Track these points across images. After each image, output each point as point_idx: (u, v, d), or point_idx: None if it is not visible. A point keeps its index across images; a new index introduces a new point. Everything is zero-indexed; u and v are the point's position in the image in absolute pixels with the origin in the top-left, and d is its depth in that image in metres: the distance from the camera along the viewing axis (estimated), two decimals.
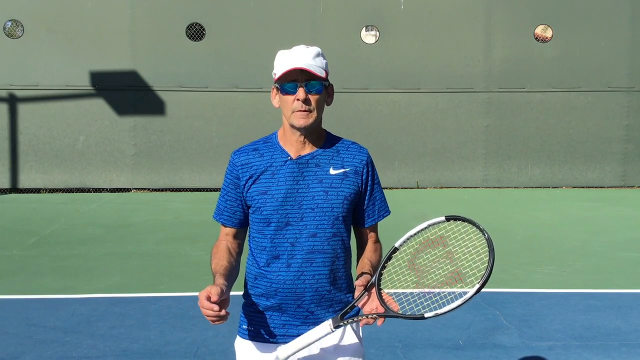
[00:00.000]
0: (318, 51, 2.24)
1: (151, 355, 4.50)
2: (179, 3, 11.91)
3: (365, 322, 2.14)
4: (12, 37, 11.88)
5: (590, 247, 7.80)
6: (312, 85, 2.20)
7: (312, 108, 2.21)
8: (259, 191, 2.27)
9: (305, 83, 2.19)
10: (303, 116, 2.21)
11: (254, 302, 2.33)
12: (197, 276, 6.48)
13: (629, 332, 4.98)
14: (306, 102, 2.20)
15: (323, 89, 2.24)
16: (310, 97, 2.20)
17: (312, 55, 2.22)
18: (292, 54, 2.22)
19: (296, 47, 2.24)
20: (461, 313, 5.29)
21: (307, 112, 2.21)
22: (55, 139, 11.85)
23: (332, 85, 2.31)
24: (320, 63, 2.23)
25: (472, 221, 2.18)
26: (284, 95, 2.22)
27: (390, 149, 12.13)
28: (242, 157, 2.31)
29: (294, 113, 2.21)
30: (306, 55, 2.20)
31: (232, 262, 2.29)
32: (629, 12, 12.24)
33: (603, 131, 12.37)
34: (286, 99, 2.22)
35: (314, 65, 2.19)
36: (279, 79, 2.22)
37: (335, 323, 2.13)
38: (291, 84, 2.20)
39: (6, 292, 5.98)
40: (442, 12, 12.15)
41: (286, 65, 2.18)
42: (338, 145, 2.33)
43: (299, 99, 2.19)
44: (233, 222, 2.36)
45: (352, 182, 2.30)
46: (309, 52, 2.22)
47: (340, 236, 2.29)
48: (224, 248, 2.33)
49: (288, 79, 2.20)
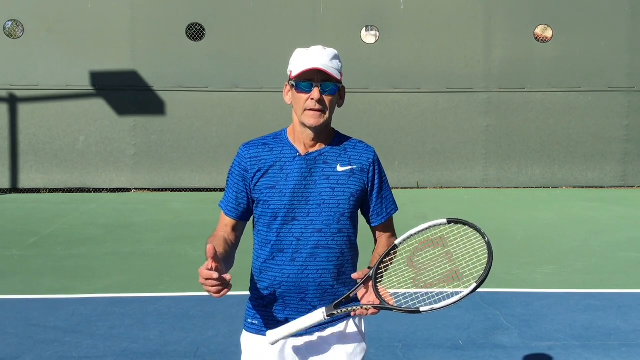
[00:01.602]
0: (335, 53, 2.29)
1: (151, 355, 4.50)
2: (179, 3, 11.91)
3: (360, 313, 2.17)
4: (12, 37, 11.88)
5: (590, 247, 7.80)
6: (327, 85, 2.25)
7: (324, 108, 2.26)
8: (267, 185, 2.30)
9: (320, 83, 2.24)
10: (315, 116, 2.25)
11: (259, 296, 2.37)
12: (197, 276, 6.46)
13: (629, 332, 4.98)
14: (320, 102, 2.24)
15: (337, 90, 2.29)
16: (324, 98, 2.25)
17: (329, 56, 2.26)
18: (310, 54, 2.25)
19: (314, 47, 2.28)
20: (461, 313, 5.30)
21: (320, 112, 2.26)
22: (55, 139, 11.85)
23: (344, 88, 2.36)
24: (337, 65, 2.28)
25: (473, 225, 2.22)
26: (298, 93, 2.27)
27: (390, 149, 12.13)
28: (251, 150, 2.34)
29: (306, 112, 2.25)
30: (324, 57, 2.25)
31: (228, 251, 2.30)
32: (628, 12, 12.24)
33: (603, 131, 12.38)
34: (300, 97, 2.26)
35: (331, 67, 2.24)
36: (295, 77, 2.25)
37: (329, 312, 2.17)
38: (307, 83, 2.24)
39: (6, 292, 5.98)
40: (442, 12, 12.16)
41: (304, 65, 2.22)
42: (345, 144, 2.38)
43: (313, 98, 2.23)
44: (236, 214, 2.38)
45: (358, 179, 2.34)
46: (326, 53, 2.26)
47: (346, 232, 2.33)
48: (221, 237, 2.34)
49: (304, 77, 2.24)
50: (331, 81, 2.25)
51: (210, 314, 5.33)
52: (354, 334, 2.38)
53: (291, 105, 2.33)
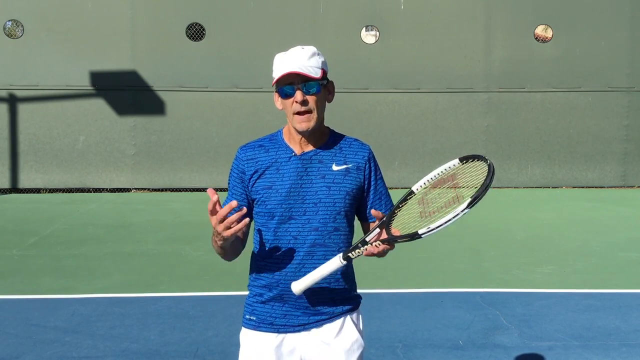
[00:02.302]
0: (313, 51, 2.27)
1: (151, 355, 4.50)
2: (179, 3, 11.91)
3: (370, 250, 2.17)
4: (12, 37, 11.88)
5: (590, 247, 7.80)
6: (309, 86, 2.24)
7: (311, 109, 2.26)
8: (263, 186, 2.32)
9: (302, 85, 2.23)
10: (304, 119, 2.26)
11: (257, 293, 2.39)
12: (197, 276, 6.48)
13: (629, 332, 4.98)
14: (304, 103, 2.24)
15: (321, 88, 2.28)
16: (308, 98, 2.25)
17: (307, 56, 2.25)
18: (287, 57, 2.25)
19: (292, 48, 2.27)
20: (461, 313, 5.30)
21: (308, 115, 2.26)
22: (55, 139, 11.86)
23: (331, 82, 2.35)
24: (316, 63, 2.26)
25: (480, 156, 2.21)
26: (284, 99, 2.28)
27: (390, 149, 12.13)
28: (248, 152, 2.37)
29: (295, 116, 2.26)
30: (301, 57, 2.24)
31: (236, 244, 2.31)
32: (628, 12, 12.24)
33: (603, 131, 12.38)
34: (286, 102, 2.28)
35: (309, 67, 2.23)
36: (276, 83, 2.27)
37: (345, 255, 2.19)
38: (288, 87, 2.25)
39: (6, 292, 5.98)
40: (442, 12, 12.16)
41: (281, 69, 2.23)
42: (341, 143, 2.39)
43: (297, 101, 2.24)
44: None
45: (354, 178, 2.35)
46: (304, 53, 2.25)
47: (343, 231, 2.35)
48: None
49: (285, 82, 2.24)
50: (312, 80, 2.24)
51: (210, 314, 5.33)
52: (352, 331, 2.40)
53: (283, 110, 2.34)
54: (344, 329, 2.39)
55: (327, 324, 2.37)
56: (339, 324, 2.38)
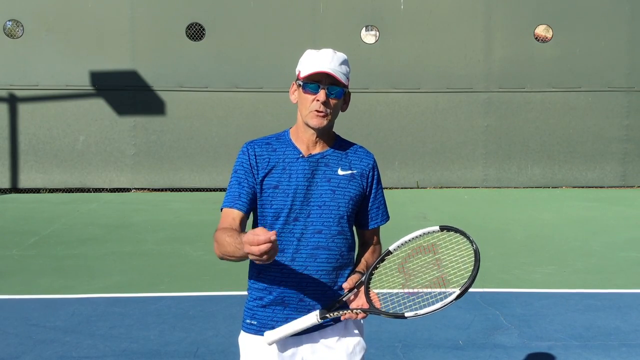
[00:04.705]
0: (345, 58, 2.32)
1: (151, 355, 4.50)
2: (179, 3, 11.91)
3: (349, 316, 2.25)
4: (12, 37, 11.88)
5: (590, 247, 7.80)
6: (333, 89, 2.28)
7: (329, 111, 2.29)
8: (270, 185, 2.32)
9: (327, 86, 2.27)
10: (319, 117, 2.28)
11: (258, 296, 2.37)
12: (197, 276, 6.48)
13: (629, 332, 4.98)
14: (325, 104, 2.27)
15: (343, 94, 2.32)
16: (329, 100, 2.28)
17: (339, 61, 2.29)
18: (320, 56, 2.28)
19: (324, 49, 2.31)
20: (461, 313, 5.30)
21: (324, 114, 2.28)
22: (55, 139, 11.86)
23: (350, 94, 2.40)
24: (345, 70, 2.31)
25: (463, 232, 2.29)
26: (305, 94, 2.29)
27: (390, 149, 12.13)
28: (257, 148, 2.36)
29: (311, 112, 2.28)
30: (333, 61, 2.27)
31: None
32: (628, 12, 12.24)
33: (603, 131, 12.38)
34: (306, 97, 2.29)
35: (339, 72, 2.27)
36: (304, 78, 2.28)
37: (322, 315, 2.24)
38: (314, 85, 2.27)
39: (6, 292, 5.98)
40: (442, 12, 12.16)
41: (314, 67, 2.25)
42: (347, 148, 2.42)
43: (319, 100, 2.26)
44: (247, 208, 2.32)
45: (358, 184, 2.38)
46: (336, 57, 2.29)
47: (345, 235, 2.36)
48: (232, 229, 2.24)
49: (312, 79, 2.27)
50: (338, 85, 2.28)
51: (210, 314, 5.33)
52: (354, 333, 2.40)
53: (296, 104, 2.35)
54: (346, 331, 2.39)
55: (330, 326, 2.37)
56: (341, 326, 2.39)
